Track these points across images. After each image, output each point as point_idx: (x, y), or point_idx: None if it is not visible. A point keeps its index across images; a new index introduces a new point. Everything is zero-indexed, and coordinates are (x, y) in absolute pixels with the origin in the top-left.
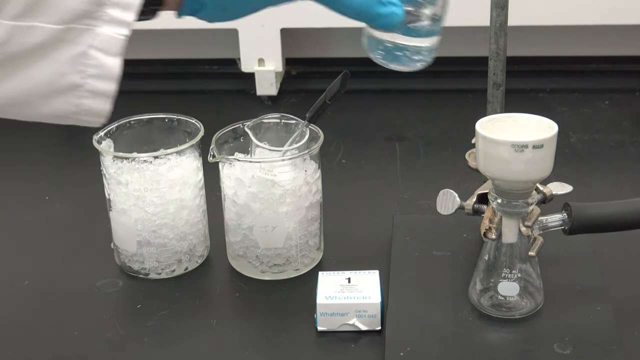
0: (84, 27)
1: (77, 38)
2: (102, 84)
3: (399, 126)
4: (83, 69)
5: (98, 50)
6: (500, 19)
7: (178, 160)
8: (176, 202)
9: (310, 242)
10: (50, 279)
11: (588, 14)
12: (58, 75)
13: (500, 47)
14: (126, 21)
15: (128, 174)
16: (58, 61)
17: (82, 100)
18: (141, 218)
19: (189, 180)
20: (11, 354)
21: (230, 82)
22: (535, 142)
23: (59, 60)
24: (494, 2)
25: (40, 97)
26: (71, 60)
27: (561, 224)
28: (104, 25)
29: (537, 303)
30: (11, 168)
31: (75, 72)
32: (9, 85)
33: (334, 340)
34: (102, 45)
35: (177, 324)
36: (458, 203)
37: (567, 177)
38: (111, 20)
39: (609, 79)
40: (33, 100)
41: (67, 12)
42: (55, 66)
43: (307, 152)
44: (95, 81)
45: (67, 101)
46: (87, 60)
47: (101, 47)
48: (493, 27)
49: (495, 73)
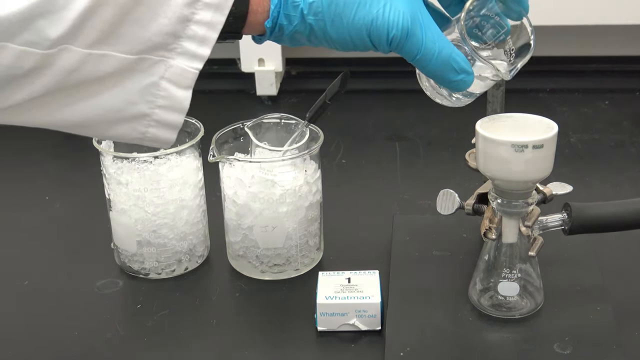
0: (157, 58)
1: (150, 69)
2: (170, 115)
3: (399, 126)
4: (152, 99)
5: (169, 82)
6: None
7: (178, 160)
8: (176, 202)
9: (310, 242)
10: (50, 279)
11: (588, 14)
12: (127, 104)
13: None
14: (201, 55)
15: (128, 174)
16: (128, 90)
17: (148, 129)
18: (141, 218)
19: (189, 180)
20: (11, 354)
21: (230, 82)
22: (535, 142)
23: (130, 89)
24: None
25: (106, 123)
26: (141, 90)
27: (561, 224)
28: (178, 58)
29: (537, 303)
30: (11, 168)
31: (145, 101)
32: (77, 109)
33: (334, 340)
34: (173, 77)
35: (177, 324)
36: (458, 203)
37: (567, 177)
38: (185, 52)
39: (609, 79)
40: (99, 125)
41: (141, 43)
42: (125, 95)
43: (307, 152)
44: (163, 112)
45: (134, 128)
46: (158, 91)
47: (173, 79)
48: None
49: None
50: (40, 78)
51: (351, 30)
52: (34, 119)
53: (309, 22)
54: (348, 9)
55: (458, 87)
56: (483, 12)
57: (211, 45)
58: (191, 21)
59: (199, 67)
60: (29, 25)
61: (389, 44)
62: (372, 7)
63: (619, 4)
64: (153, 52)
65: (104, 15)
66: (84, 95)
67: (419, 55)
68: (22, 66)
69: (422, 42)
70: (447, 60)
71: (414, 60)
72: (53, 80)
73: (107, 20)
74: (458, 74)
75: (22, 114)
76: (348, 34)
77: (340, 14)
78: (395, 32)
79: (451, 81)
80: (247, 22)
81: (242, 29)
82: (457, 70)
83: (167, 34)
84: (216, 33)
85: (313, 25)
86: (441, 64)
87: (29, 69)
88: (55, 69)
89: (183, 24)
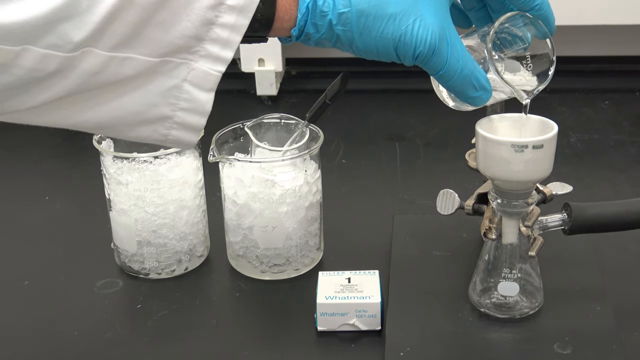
0: (180, 60)
1: (173, 71)
2: (192, 117)
3: (399, 126)
4: (175, 101)
5: (192, 85)
6: None
7: (178, 160)
8: (176, 202)
9: (310, 242)
10: (50, 279)
11: (588, 14)
12: (149, 106)
13: None
14: (224, 58)
15: (128, 174)
16: (151, 92)
17: (171, 131)
18: (141, 218)
19: (189, 180)
20: (11, 353)
21: (230, 82)
22: (535, 142)
23: (152, 91)
24: None
25: (128, 125)
26: (164, 93)
27: (561, 224)
28: (201, 60)
29: (537, 303)
30: (11, 168)
31: (167, 104)
32: (99, 111)
33: (334, 340)
34: (196, 79)
35: (177, 324)
36: (458, 203)
37: (567, 177)
38: (208, 55)
39: (609, 79)
40: (121, 127)
41: (164, 46)
42: (147, 97)
43: (307, 152)
44: (186, 114)
45: (155, 130)
46: (180, 93)
47: (195, 81)
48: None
49: None
50: (62, 81)
51: (378, 43)
52: (55, 120)
53: (336, 32)
54: (378, 23)
55: (474, 103)
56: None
57: (234, 48)
58: (215, 24)
59: (221, 70)
60: (52, 28)
61: (415, 59)
62: (401, 23)
63: (619, 4)
64: (176, 55)
65: (127, 18)
66: (106, 98)
67: (442, 72)
68: (45, 69)
69: (447, 59)
70: (469, 77)
71: (437, 76)
72: (75, 83)
73: (130, 23)
74: (477, 91)
75: (44, 115)
76: (375, 46)
77: (369, 27)
78: (422, 49)
79: (469, 97)
80: (273, 28)
81: (267, 33)
82: (476, 87)
83: (190, 37)
84: (240, 36)
85: (340, 36)
86: (462, 80)
87: (51, 71)
88: (77, 72)
89: (206, 27)
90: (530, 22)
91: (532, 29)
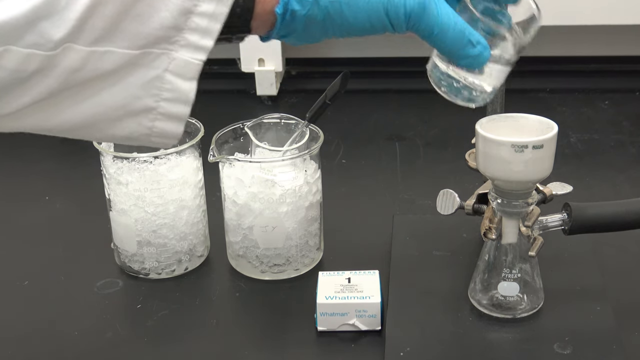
0: (160, 51)
1: (153, 62)
2: (176, 107)
3: (399, 126)
4: (157, 92)
5: (173, 74)
6: None
7: (178, 160)
8: (176, 202)
9: (310, 242)
10: (50, 279)
11: (588, 14)
12: (132, 99)
13: None
14: (204, 46)
15: (128, 174)
16: (132, 85)
17: (155, 123)
18: (141, 218)
19: (189, 180)
20: (11, 353)
21: (230, 82)
22: (535, 142)
23: (134, 84)
24: None
25: (112, 120)
26: (146, 84)
27: (561, 224)
28: (181, 50)
29: (537, 303)
30: (11, 168)
31: (150, 95)
32: (82, 108)
33: (334, 340)
34: (177, 69)
35: (177, 324)
36: (458, 203)
37: (567, 177)
38: (188, 45)
39: (609, 79)
40: (105, 123)
41: (143, 38)
42: (130, 90)
43: (307, 152)
44: (169, 104)
45: (140, 123)
46: (162, 84)
47: (177, 71)
48: None
49: None
50: (44, 80)
51: (369, 9)
52: (34, 123)
53: (323, 4)
54: None
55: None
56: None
57: (214, 36)
58: (193, 13)
59: (202, 59)
60: (33, 27)
61: (407, 19)
62: None
63: (619, 4)
64: (156, 46)
65: (105, 12)
66: (88, 94)
67: (437, 30)
68: (26, 69)
69: (439, 14)
70: (463, 32)
71: (432, 37)
72: (57, 81)
73: (108, 17)
74: (474, 47)
75: (26, 118)
76: (366, 13)
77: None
78: (412, 5)
79: (468, 56)
80: (255, 12)
81: (250, 20)
82: (473, 43)
83: (169, 27)
84: (219, 24)
85: (328, 9)
86: (459, 37)
87: (33, 71)
88: (58, 70)
89: (185, 17)
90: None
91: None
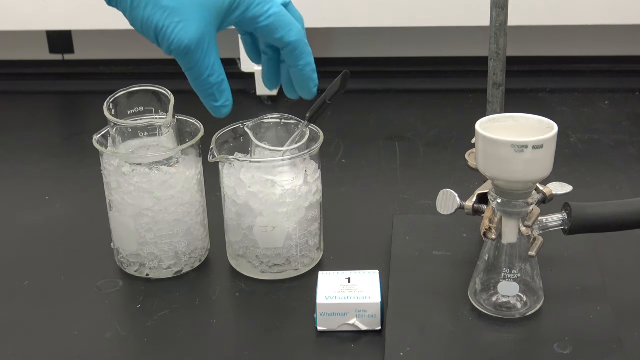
0: None
1: None
2: None
3: (399, 126)
4: None
5: None
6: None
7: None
8: (176, 202)
9: (310, 242)
10: (50, 279)
11: (588, 14)
12: None
13: (500, 47)
14: None
15: (128, 174)
16: None
17: None
18: (141, 218)
19: (189, 180)
20: (11, 353)
21: (230, 82)
22: (535, 142)
23: None
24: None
25: None
26: None
27: (561, 224)
28: None
29: (537, 303)
30: (11, 168)
31: None
32: None
33: (334, 340)
34: None
35: (177, 324)
36: (458, 203)
37: (567, 177)
38: None
39: (609, 79)
40: None
41: None
42: None
43: (307, 152)
44: None
45: None
46: None
47: None
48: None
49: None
50: None
51: (143, 25)
52: None
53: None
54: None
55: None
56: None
57: None
58: None
59: None
60: None
61: (169, 52)
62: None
63: (619, 4)
64: None
65: None
66: None
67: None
68: None
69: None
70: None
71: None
72: None
73: None
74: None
75: None
76: (140, 25)
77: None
78: (176, 47)
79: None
80: None
81: None
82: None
83: None
84: None
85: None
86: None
87: None
88: None
89: None
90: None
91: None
